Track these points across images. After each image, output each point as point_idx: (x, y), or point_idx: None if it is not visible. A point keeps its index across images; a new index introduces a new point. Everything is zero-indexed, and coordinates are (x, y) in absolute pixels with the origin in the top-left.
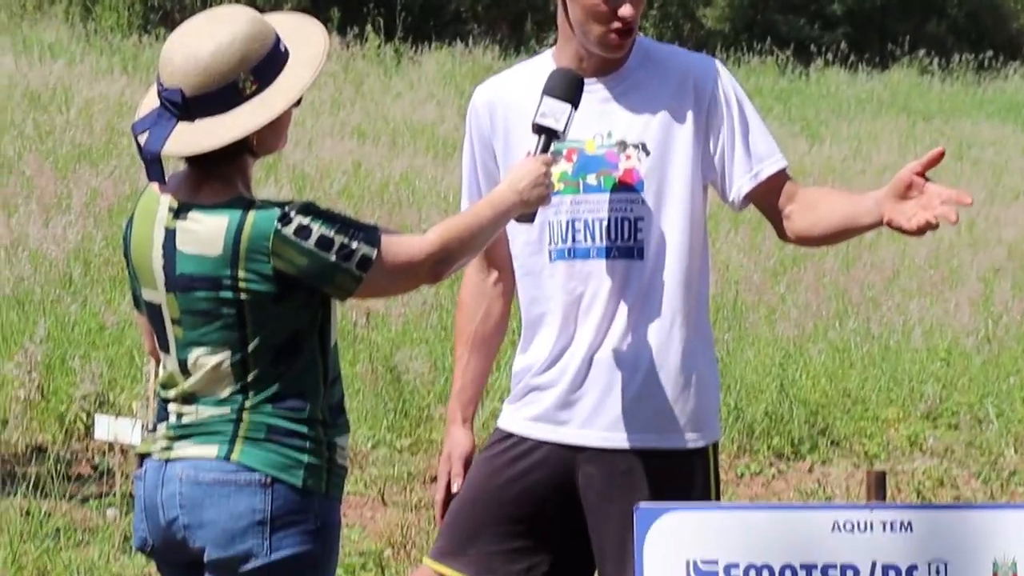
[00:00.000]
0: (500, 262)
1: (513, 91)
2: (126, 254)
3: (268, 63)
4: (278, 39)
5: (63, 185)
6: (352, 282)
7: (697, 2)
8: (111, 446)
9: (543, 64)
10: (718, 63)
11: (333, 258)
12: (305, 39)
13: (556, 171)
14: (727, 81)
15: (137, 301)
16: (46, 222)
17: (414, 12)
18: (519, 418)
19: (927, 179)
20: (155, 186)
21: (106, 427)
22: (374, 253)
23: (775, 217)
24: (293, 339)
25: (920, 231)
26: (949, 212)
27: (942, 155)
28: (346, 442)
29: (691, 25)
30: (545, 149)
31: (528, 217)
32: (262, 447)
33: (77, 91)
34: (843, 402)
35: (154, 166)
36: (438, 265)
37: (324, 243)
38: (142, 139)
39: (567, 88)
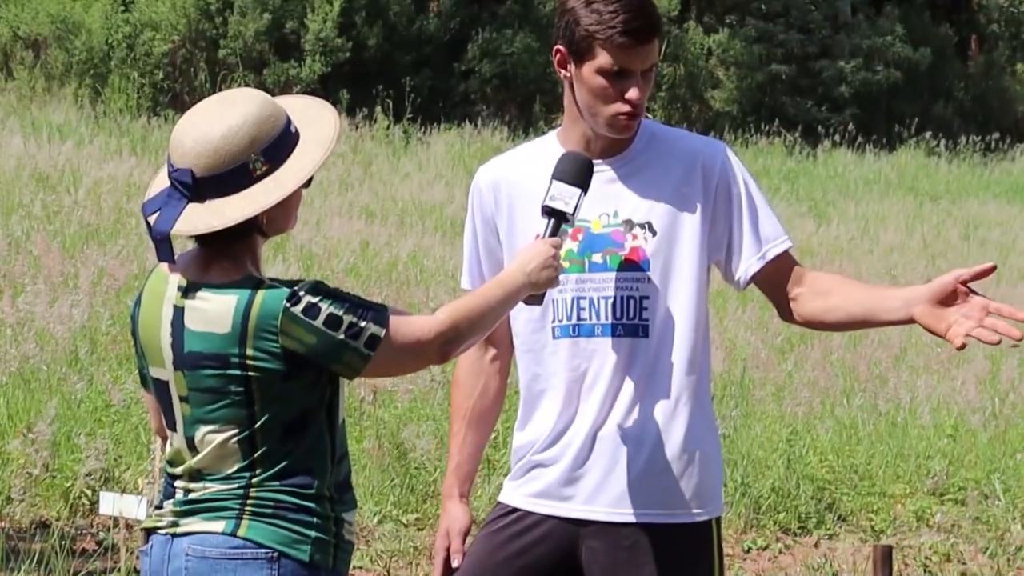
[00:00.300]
0: (497, 339)
1: (518, 171)
2: (134, 332)
3: (279, 144)
4: (289, 121)
5: (70, 264)
6: (360, 361)
7: (705, 84)
8: (116, 521)
9: (548, 145)
10: (725, 146)
11: (341, 336)
12: (316, 121)
13: (561, 249)
14: (735, 163)
15: (144, 379)
16: (52, 301)
17: (423, 94)
18: (522, 494)
19: (972, 290)
20: (164, 265)
21: (111, 503)
22: (383, 332)
23: (780, 298)
24: (301, 417)
25: (961, 344)
26: (1012, 330)
27: (993, 269)
28: (353, 518)
29: (699, 107)
30: (554, 232)
31: (537, 299)
32: (269, 523)
33: (86, 172)
34: (850, 478)
35: (164, 246)
36: (446, 345)
37: (333, 322)
38: (152, 220)
39: (577, 172)
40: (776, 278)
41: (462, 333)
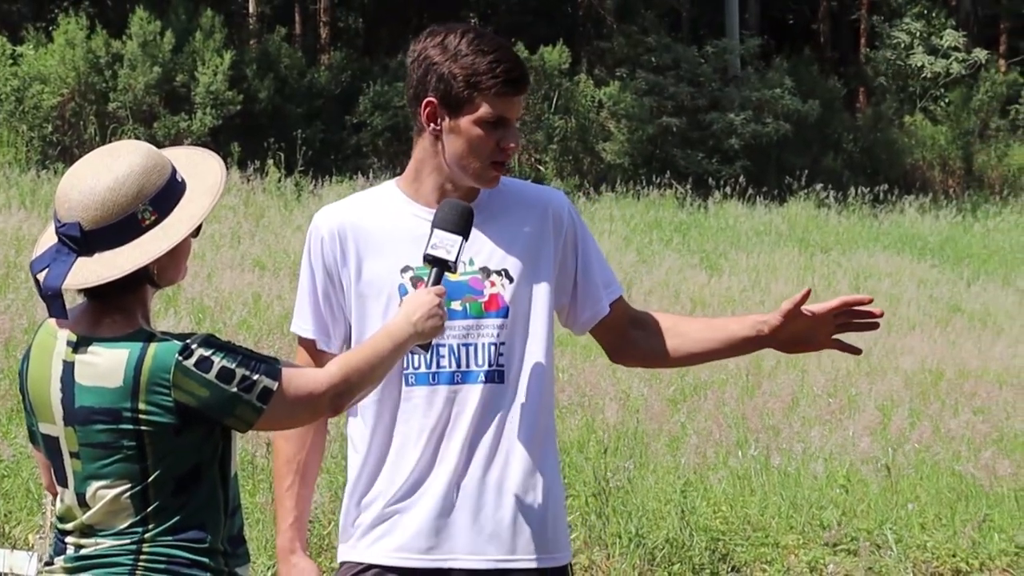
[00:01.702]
0: None
1: (365, 218)
2: (22, 388)
3: (166, 194)
4: (174, 170)
5: None
6: (253, 414)
7: (596, 137)
8: None
9: (391, 194)
10: (565, 196)
11: (234, 390)
12: (201, 169)
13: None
14: (576, 214)
15: (33, 436)
16: None
17: (314, 146)
18: (379, 550)
19: (804, 311)
20: (52, 320)
21: (1, 559)
22: (275, 385)
23: (614, 340)
24: (194, 470)
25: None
26: (873, 310)
27: (809, 293)
28: (247, 572)
29: (591, 159)
30: (437, 280)
31: (423, 347)
32: None
33: None
34: (744, 529)
35: (55, 302)
36: (338, 398)
37: (225, 375)
38: (41, 277)
39: (458, 219)
40: (613, 322)
41: (354, 385)
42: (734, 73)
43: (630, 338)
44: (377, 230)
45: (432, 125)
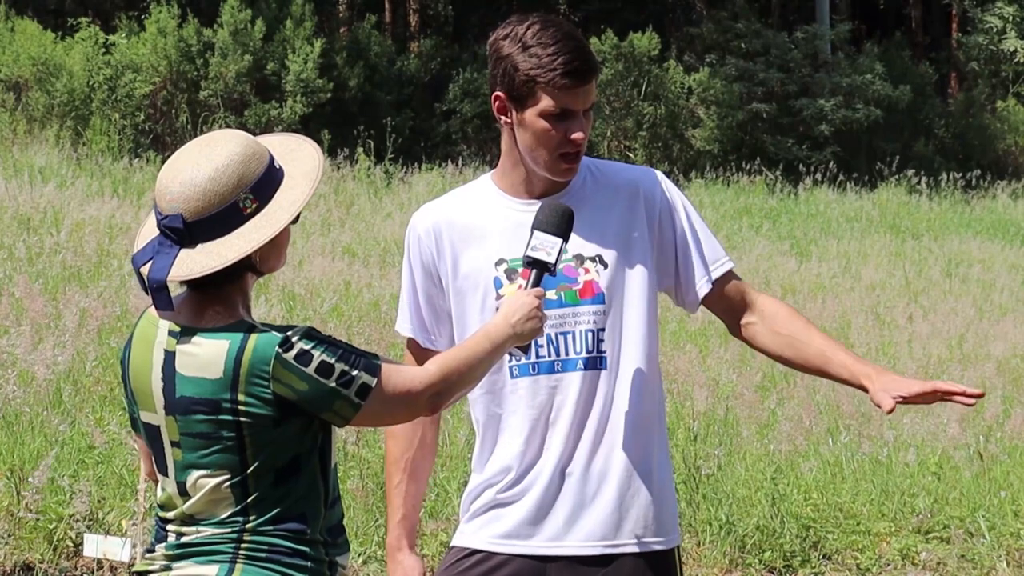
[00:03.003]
0: None
1: (460, 215)
2: (124, 377)
3: (266, 181)
4: (272, 157)
5: (53, 306)
6: (351, 409)
7: (686, 123)
8: (100, 563)
9: (485, 188)
10: (659, 173)
11: (332, 385)
12: (297, 155)
13: (513, 289)
14: (672, 190)
15: (135, 424)
16: (36, 343)
17: (404, 134)
18: (485, 536)
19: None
20: (152, 309)
21: (95, 545)
22: (374, 381)
23: (729, 317)
24: (293, 462)
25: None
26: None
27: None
28: (346, 561)
29: (680, 146)
30: (537, 282)
31: (522, 348)
32: (263, 567)
33: (67, 213)
34: (835, 516)
35: (161, 295)
36: (437, 397)
37: (324, 370)
38: (145, 270)
39: (558, 221)
40: (724, 297)
41: (452, 385)
42: (824, 59)
43: (745, 322)
44: (471, 224)
45: (503, 118)
